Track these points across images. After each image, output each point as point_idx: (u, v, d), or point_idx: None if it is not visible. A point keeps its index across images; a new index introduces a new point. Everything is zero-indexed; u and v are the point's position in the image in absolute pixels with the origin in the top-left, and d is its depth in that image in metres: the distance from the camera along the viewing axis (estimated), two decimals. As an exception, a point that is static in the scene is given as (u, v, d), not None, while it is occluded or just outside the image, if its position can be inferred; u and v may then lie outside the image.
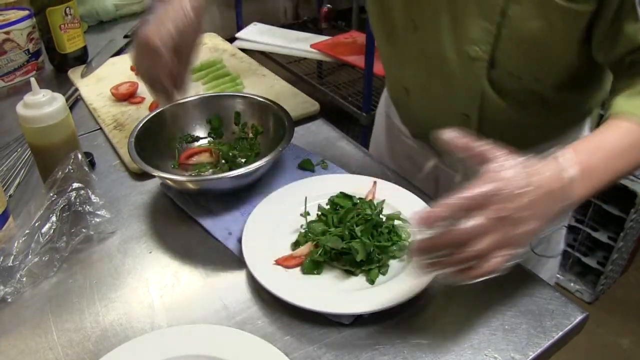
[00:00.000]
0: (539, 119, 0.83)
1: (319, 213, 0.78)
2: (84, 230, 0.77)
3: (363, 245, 0.69)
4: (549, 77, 0.76)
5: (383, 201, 0.79)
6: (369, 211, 0.74)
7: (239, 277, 0.72)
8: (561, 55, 0.73)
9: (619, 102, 0.66)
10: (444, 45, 0.76)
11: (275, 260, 0.71)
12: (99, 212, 0.79)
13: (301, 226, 0.77)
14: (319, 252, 0.70)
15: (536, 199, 0.53)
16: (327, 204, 0.80)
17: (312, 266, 0.70)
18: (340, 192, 0.80)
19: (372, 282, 0.68)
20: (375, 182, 0.82)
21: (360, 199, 0.79)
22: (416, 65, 0.84)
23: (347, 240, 0.71)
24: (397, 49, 0.86)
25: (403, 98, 0.93)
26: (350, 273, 0.70)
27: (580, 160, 0.57)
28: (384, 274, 0.70)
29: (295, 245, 0.74)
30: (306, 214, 0.78)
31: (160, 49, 0.72)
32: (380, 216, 0.75)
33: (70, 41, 1.22)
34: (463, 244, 0.52)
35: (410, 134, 0.99)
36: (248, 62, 1.25)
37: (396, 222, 0.76)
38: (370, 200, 0.79)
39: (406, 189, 0.82)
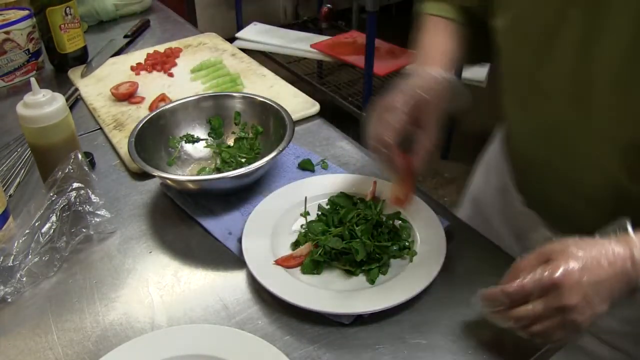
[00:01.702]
0: None
1: (319, 213, 0.79)
2: (84, 230, 0.77)
3: (363, 245, 0.69)
4: None
5: (383, 201, 0.79)
6: (369, 211, 0.74)
7: (239, 277, 0.72)
8: None
9: None
10: (573, 119, 0.65)
11: (275, 261, 0.71)
12: (99, 212, 0.79)
13: (301, 226, 0.77)
14: (319, 252, 0.70)
15: (599, 282, 0.53)
16: (327, 204, 0.80)
17: (312, 266, 0.70)
18: (341, 192, 0.80)
19: (372, 282, 0.68)
20: (375, 182, 0.82)
21: (360, 199, 0.79)
22: (542, 136, 0.71)
23: (347, 240, 0.71)
24: (525, 114, 0.73)
25: (522, 166, 0.82)
26: (350, 273, 0.70)
27: None
28: (384, 273, 0.70)
29: (295, 245, 0.74)
30: (306, 213, 0.79)
31: (397, 108, 0.67)
32: (381, 216, 0.75)
33: (70, 41, 1.22)
34: (522, 321, 0.56)
35: (523, 203, 0.84)
36: (248, 62, 1.25)
37: (397, 221, 0.76)
38: (370, 200, 0.79)
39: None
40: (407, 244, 0.73)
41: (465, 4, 0.80)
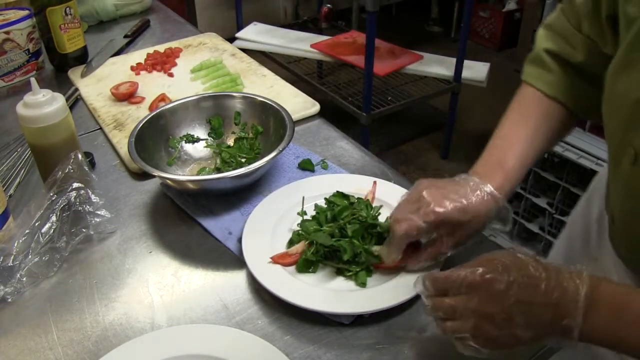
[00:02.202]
0: None
1: (316, 212, 0.78)
2: (84, 230, 0.77)
3: (351, 245, 0.69)
4: None
5: (380, 206, 0.79)
6: (364, 213, 0.74)
7: (239, 277, 0.72)
8: None
9: None
10: None
11: (271, 258, 0.71)
12: (99, 212, 0.79)
13: (297, 224, 0.77)
14: (312, 251, 0.70)
15: (527, 304, 0.51)
16: (325, 204, 0.80)
17: (306, 265, 0.70)
18: (337, 191, 0.80)
19: (363, 284, 0.68)
20: (375, 182, 0.82)
21: (358, 198, 0.79)
22: (630, 198, 0.66)
23: (336, 237, 0.70)
24: (617, 173, 0.67)
25: (609, 223, 0.76)
26: (339, 272, 0.70)
27: (605, 291, 0.50)
28: (369, 276, 0.69)
29: (290, 243, 0.74)
30: (302, 213, 0.78)
31: (422, 201, 0.65)
32: (378, 219, 0.74)
33: (70, 41, 1.22)
34: (438, 311, 0.56)
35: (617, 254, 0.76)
36: (248, 62, 1.25)
37: None
38: (368, 201, 0.79)
39: (407, 189, 0.82)
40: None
41: (575, 60, 0.71)
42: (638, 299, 0.51)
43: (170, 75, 1.19)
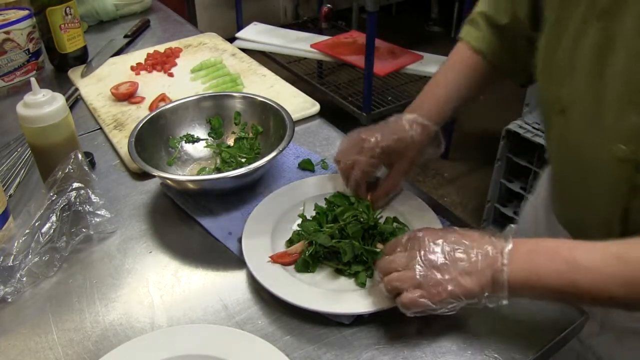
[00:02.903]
0: None
1: (316, 212, 0.78)
2: (84, 230, 0.77)
3: (352, 247, 0.69)
4: None
5: (381, 210, 0.79)
6: (365, 214, 0.74)
7: (239, 277, 0.72)
8: None
9: None
10: (587, 137, 0.64)
11: (270, 257, 0.71)
12: (99, 212, 0.79)
13: (297, 225, 0.77)
14: (310, 251, 0.70)
15: (461, 251, 0.58)
16: (325, 204, 0.80)
17: (305, 264, 0.70)
18: (337, 192, 0.80)
19: (363, 285, 0.68)
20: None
21: (358, 200, 0.79)
22: (558, 152, 0.73)
23: (337, 238, 0.70)
24: (548, 129, 0.74)
25: (552, 187, 0.83)
26: (339, 272, 0.70)
27: (524, 239, 0.58)
28: (370, 276, 0.69)
29: (290, 243, 0.74)
30: (303, 216, 0.78)
31: (365, 141, 0.77)
32: (377, 220, 0.74)
33: (70, 41, 1.22)
34: (382, 269, 0.62)
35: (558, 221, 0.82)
36: (248, 62, 1.25)
37: (394, 225, 0.76)
38: (369, 203, 0.78)
39: (407, 189, 0.82)
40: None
41: (501, 22, 0.79)
42: (550, 240, 0.58)
43: (170, 75, 1.19)
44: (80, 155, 0.80)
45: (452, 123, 2.50)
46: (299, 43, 2.42)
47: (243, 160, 0.91)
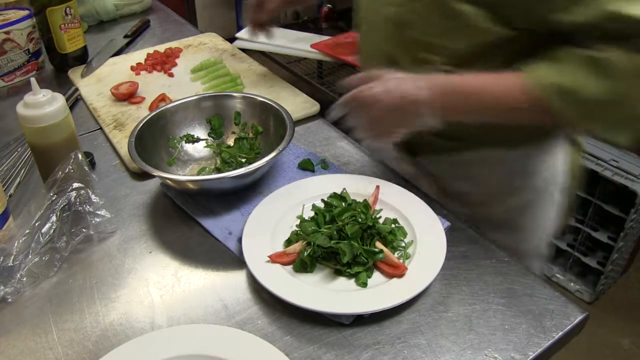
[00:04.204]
0: None
1: (315, 213, 0.78)
2: (84, 230, 0.77)
3: (351, 247, 0.69)
4: (459, 43, 0.75)
5: (381, 209, 0.79)
6: (364, 215, 0.74)
7: (239, 277, 0.72)
8: (471, 22, 0.72)
9: (533, 64, 0.69)
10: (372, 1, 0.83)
11: (269, 256, 0.71)
12: (99, 212, 0.79)
13: (297, 225, 0.77)
14: (308, 252, 0.70)
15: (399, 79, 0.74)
16: (324, 205, 0.79)
17: (303, 265, 0.70)
18: (334, 193, 0.80)
19: (364, 285, 0.68)
20: (378, 187, 0.82)
21: (356, 201, 0.78)
22: (360, 12, 0.92)
23: (335, 239, 0.70)
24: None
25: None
26: (338, 273, 0.70)
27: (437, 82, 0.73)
28: (369, 276, 0.69)
29: (288, 242, 0.74)
30: (301, 217, 0.78)
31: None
32: (376, 221, 0.74)
33: (71, 41, 1.22)
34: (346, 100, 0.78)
35: None
36: (248, 62, 1.25)
37: (393, 225, 0.76)
38: (366, 201, 0.78)
39: (407, 189, 0.82)
40: (400, 248, 0.73)
41: None
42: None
43: (170, 75, 1.19)
44: (80, 155, 0.80)
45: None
46: (299, 43, 2.41)
47: (243, 160, 0.91)
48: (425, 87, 0.72)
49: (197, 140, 0.94)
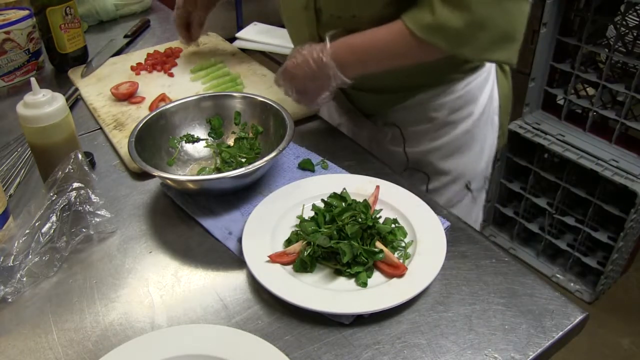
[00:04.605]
0: None
1: (315, 213, 0.78)
2: (84, 230, 0.77)
3: (350, 247, 0.69)
4: (365, 11, 0.85)
5: (381, 209, 0.79)
6: (363, 215, 0.74)
7: (239, 277, 0.72)
8: None
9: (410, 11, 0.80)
10: None
11: (269, 256, 0.71)
12: (99, 212, 0.79)
13: (297, 225, 0.77)
14: (308, 252, 0.70)
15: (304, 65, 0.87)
16: (324, 205, 0.79)
17: (303, 265, 0.70)
18: (334, 193, 0.80)
19: (364, 284, 0.68)
20: (378, 187, 0.82)
21: (359, 201, 0.79)
22: (279, 6, 1.02)
23: (335, 239, 0.70)
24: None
25: None
26: (338, 273, 0.70)
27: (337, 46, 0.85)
28: (369, 276, 0.70)
29: (288, 242, 0.74)
30: (301, 217, 0.78)
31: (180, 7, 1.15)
32: (376, 221, 0.74)
33: (71, 41, 1.22)
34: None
35: None
36: (248, 62, 1.25)
37: (393, 225, 0.76)
38: (366, 201, 0.78)
39: (408, 189, 0.82)
40: (400, 248, 0.73)
41: None
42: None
43: (170, 75, 1.19)
44: (80, 155, 0.80)
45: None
46: (299, 43, 2.41)
47: (243, 160, 0.91)
48: (327, 51, 0.84)
49: (197, 140, 0.94)
